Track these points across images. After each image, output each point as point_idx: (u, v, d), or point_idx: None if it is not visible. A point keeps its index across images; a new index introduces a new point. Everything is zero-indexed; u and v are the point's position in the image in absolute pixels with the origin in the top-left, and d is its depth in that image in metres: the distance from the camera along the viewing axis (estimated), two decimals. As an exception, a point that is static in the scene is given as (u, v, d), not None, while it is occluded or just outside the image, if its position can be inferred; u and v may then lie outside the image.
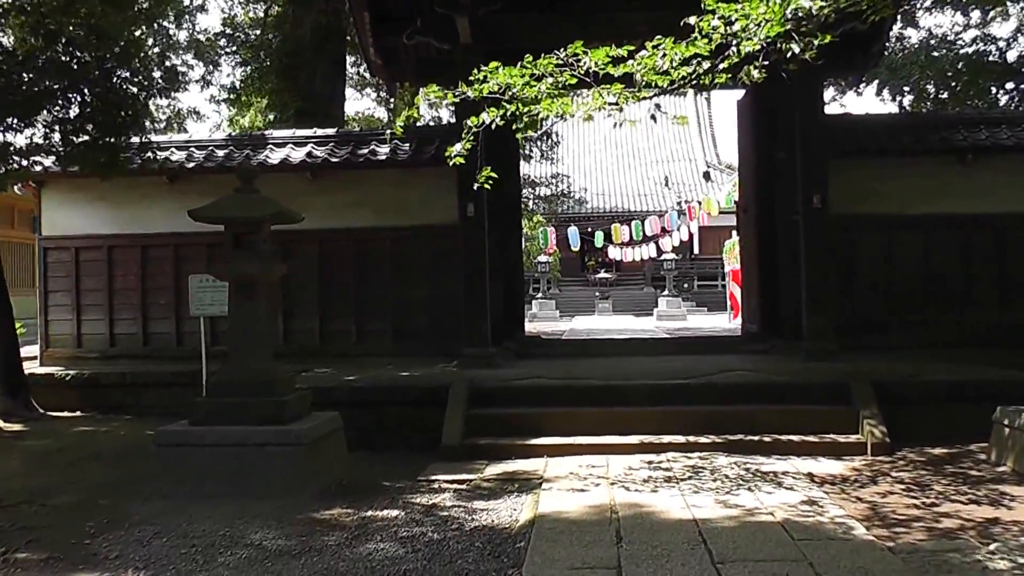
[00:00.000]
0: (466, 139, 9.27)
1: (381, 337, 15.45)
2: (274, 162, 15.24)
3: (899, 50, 22.98)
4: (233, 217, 9.55)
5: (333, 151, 15.44)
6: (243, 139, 16.33)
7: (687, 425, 10.74)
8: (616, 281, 54.75)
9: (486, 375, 12.37)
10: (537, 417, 11.05)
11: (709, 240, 51.43)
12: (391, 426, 11.48)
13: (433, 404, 11.29)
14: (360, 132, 16.32)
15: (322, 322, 15.63)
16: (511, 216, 16.12)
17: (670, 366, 13.23)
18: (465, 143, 9.32)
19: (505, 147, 14.95)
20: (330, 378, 12.68)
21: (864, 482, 8.94)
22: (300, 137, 16.10)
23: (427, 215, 15.28)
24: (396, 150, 15.30)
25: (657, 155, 61.98)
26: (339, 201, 15.61)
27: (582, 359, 14.87)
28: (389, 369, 13.60)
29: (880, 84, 23.24)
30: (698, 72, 8.37)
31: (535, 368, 13.20)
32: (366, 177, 15.66)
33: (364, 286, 15.56)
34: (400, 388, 11.77)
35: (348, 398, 11.58)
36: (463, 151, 9.30)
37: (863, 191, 14.93)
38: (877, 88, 23.46)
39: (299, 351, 15.25)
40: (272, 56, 22.89)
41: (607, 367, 13.24)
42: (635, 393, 11.45)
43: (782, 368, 12.53)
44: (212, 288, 13.37)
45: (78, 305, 16.21)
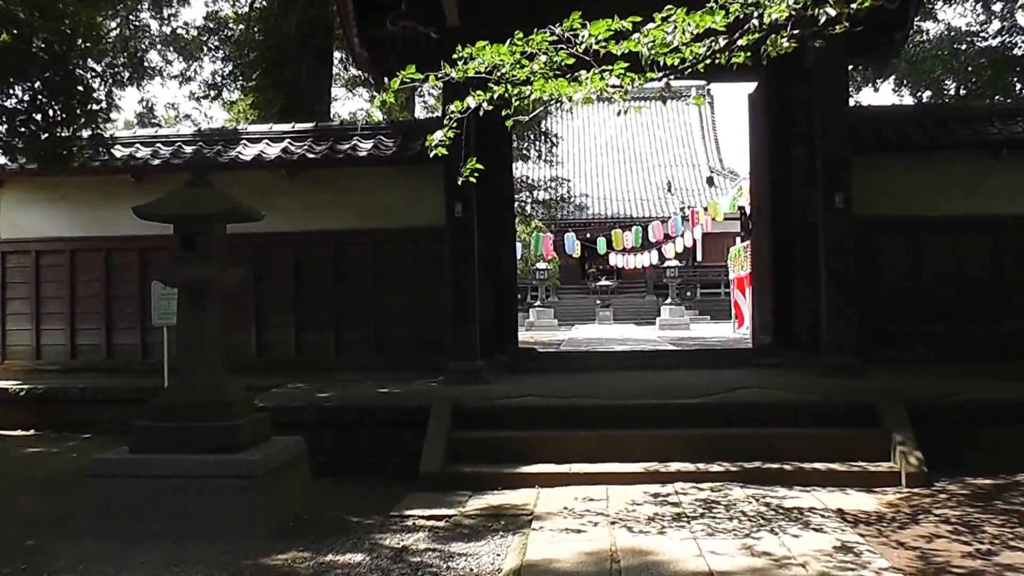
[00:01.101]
0: (448, 126, 8.15)
1: (362, 349, 14.31)
2: (246, 159, 14.09)
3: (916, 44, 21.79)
4: (181, 214, 8.37)
5: (311, 147, 14.29)
6: (214, 134, 15.13)
7: (697, 451, 9.53)
8: (617, 289, 54.07)
9: (473, 392, 11.18)
10: (528, 441, 9.83)
11: (712, 247, 50.97)
12: (365, 450, 10.30)
13: (412, 425, 10.09)
14: (341, 126, 15.11)
15: (298, 333, 14.49)
16: (503, 217, 14.89)
17: (676, 382, 12.03)
18: (447, 130, 8.20)
19: (497, 141, 13.88)
20: (301, 395, 11.50)
21: (904, 521, 7.73)
22: (276, 132, 14.94)
23: (412, 216, 14.14)
24: (379, 146, 14.16)
25: (660, 160, 61.62)
26: (317, 201, 14.49)
27: (580, 374, 13.66)
28: (367, 385, 12.44)
29: (897, 80, 22.08)
30: (713, 49, 7.26)
31: (528, 384, 12.03)
32: (346, 175, 14.54)
33: (343, 293, 14.43)
34: (376, 408, 10.55)
35: (318, 419, 10.40)
36: (445, 140, 8.18)
37: (885, 190, 13.77)
38: (895, 84, 22.30)
39: (273, 364, 14.20)
40: (255, 51, 21.75)
41: (607, 383, 12.03)
42: (638, 414, 10.20)
43: (800, 385, 11.32)
44: (176, 296, 12.25)
45: (37, 314, 15.09)
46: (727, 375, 12.74)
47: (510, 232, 15.31)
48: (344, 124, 15.12)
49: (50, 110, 11.97)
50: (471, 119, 7.60)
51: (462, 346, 12.52)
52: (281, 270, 14.42)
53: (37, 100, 12.05)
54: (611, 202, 57.15)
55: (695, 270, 52.75)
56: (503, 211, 14.86)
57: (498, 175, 14.48)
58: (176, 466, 7.79)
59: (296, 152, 14.16)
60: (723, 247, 45.36)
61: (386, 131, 14.60)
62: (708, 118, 65.50)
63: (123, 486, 7.84)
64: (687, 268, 49.48)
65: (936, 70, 20.95)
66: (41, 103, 12.03)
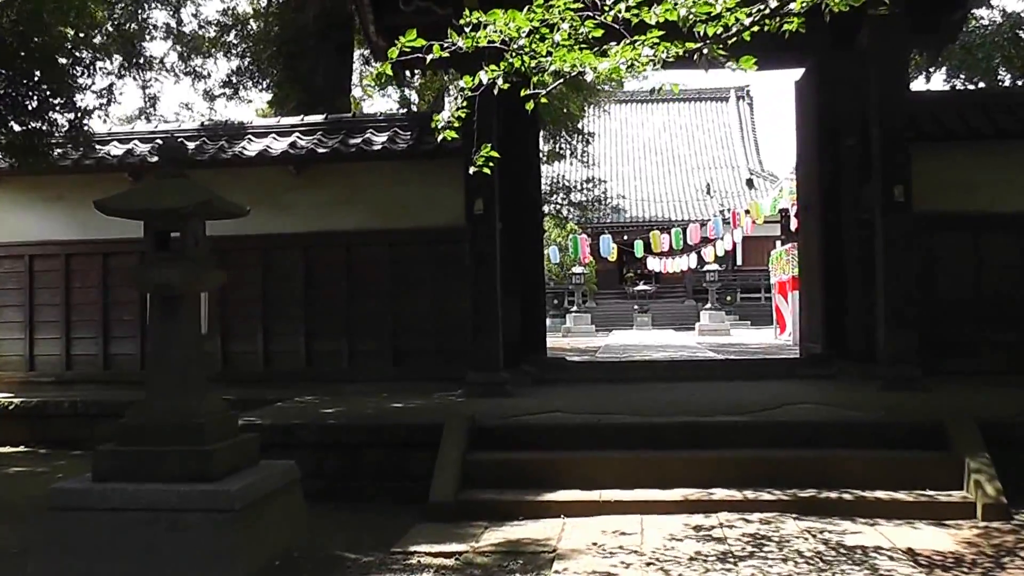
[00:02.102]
0: (456, 105, 7.14)
1: (377, 359, 13.28)
2: (251, 154, 13.11)
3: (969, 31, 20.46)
4: (150, 209, 7.31)
5: (321, 141, 13.26)
6: (217, 128, 14.13)
7: (743, 476, 8.38)
8: (656, 294, 53.29)
9: (493, 408, 10.12)
10: (553, 464, 8.71)
11: (752, 250, 50.05)
12: (371, 473, 9.23)
13: (423, 446, 8.99)
14: (353, 119, 14.07)
15: (308, 342, 13.48)
16: (530, 216, 13.79)
17: (719, 396, 10.91)
18: (456, 109, 7.20)
19: (523, 134, 12.93)
20: (303, 411, 10.49)
21: (988, 566, 6.54)
22: (284, 126, 13.95)
23: (432, 215, 13.11)
24: (395, 139, 13.12)
25: (698, 162, 60.90)
26: (328, 199, 13.49)
27: (612, 386, 12.55)
28: (380, 399, 11.41)
29: (950, 71, 20.77)
30: (762, 13, 6.20)
31: (555, 398, 10.95)
32: (360, 171, 13.52)
33: (357, 299, 13.42)
34: (383, 426, 9.46)
35: (318, 438, 9.35)
36: (453, 120, 7.18)
37: (944, 183, 12.56)
38: (947, 74, 20.99)
39: (281, 376, 13.29)
40: (271, 45, 20.76)
41: (643, 397, 10.94)
42: (677, 433, 9.05)
43: (857, 400, 10.17)
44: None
45: (31, 322, 14.15)
46: (774, 388, 11.63)
47: (538, 232, 14.19)
48: (357, 116, 14.10)
49: (26, 101, 10.90)
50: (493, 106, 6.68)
51: (483, 356, 11.46)
52: (290, 274, 13.44)
53: (10, 90, 10.99)
54: (649, 205, 56.33)
55: (735, 274, 51.89)
56: (530, 209, 13.78)
57: (525, 170, 13.46)
58: (141, 498, 6.73)
59: (304, 146, 13.15)
60: (763, 251, 44.71)
61: (402, 123, 13.53)
62: (747, 119, 64.97)
63: (84, 520, 6.80)
64: (727, 272, 48.82)
65: (995, 57, 19.67)
66: (13, 93, 10.97)
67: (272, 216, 13.38)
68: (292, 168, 13.35)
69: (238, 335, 13.58)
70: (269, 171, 13.41)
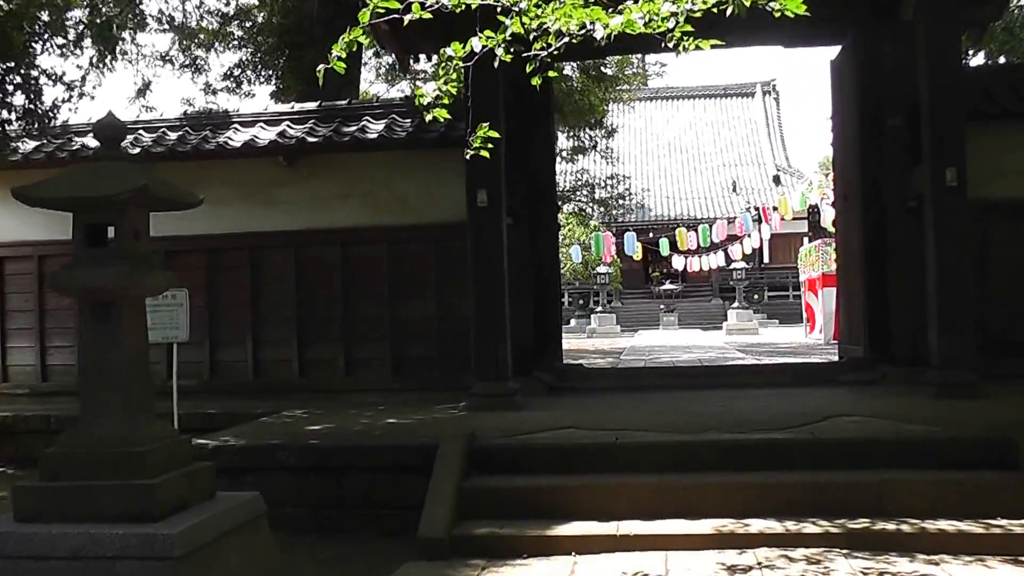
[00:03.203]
0: (445, 75, 6.11)
1: (376, 368, 12.23)
2: (236, 144, 12.01)
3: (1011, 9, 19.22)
4: (73, 197, 6.21)
5: (312, 129, 12.14)
6: (201, 117, 13.02)
7: (783, 503, 7.20)
8: (682, 293, 52.49)
9: (498, 423, 8.99)
10: (564, 491, 7.53)
11: (780, 248, 49.49)
12: (357, 501, 8.11)
13: (416, 470, 7.85)
14: (349, 105, 12.89)
15: (301, 349, 12.40)
16: (545, 211, 12.61)
17: (754, 407, 9.74)
18: (444, 82, 6.15)
19: (534, 119, 11.80)
20: (287, 427, 9.41)
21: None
22: (273, 113, 12.88)
23: (435, 210, 12.00)
24: (393, 126, 11.99)
25: (724, 159, 60.03)
26: (321, 193, 12.40)
27: (635, 395, 11.35)
28: (376, 412, 10.32)
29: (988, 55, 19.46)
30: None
31: (570, 410, 9.83)
32: (357, 163, 12.42)
33: (353, 302, 12.34)
34: (370, 447, 8.30)
35: (299, 461, 8.23)
36: (443, 95, 6.14)
37: (999, 168, 11.40)
38: (986, 57, 19.67)
39: (272, 386, 12.29)
40: (274, 35, 19.66)
41: (668, 409, 9.80)
42: (707, 453, 7.85)
43: (909, 410, 8.99)
44: (153, 307, 10.46)
45: (3, 329, 13.08)
46: (815, 397, 10.45)
47: (553, 228, 12.95)
48: (352, 104, 12.97)
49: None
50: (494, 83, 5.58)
51: (488, 365, 10.33)
52: (281, 275, 12.38)
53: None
54: (674, 202, 55.44)
55: (762, 272, 51.27)
56: (544, 201, 12.58)
57: (537, 158, 12.31)
58: (68, 542, 5.61)
59: (294, 136, 12.04)
60: (791, 248, 44.11)
61: (401, 110, 12.36)
62: (774, 114, 64.14)
63: (4, 569, 5.70)
64: (754, 270, 48.23)
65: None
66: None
67: (262, 212, 12.36)
68: (283, 160, 12.27)
69: (226, 342, 12.54)
70: (258, 164, 12.36)
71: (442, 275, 11.93)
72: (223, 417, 10.93)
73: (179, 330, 10.48)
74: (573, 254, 42.38)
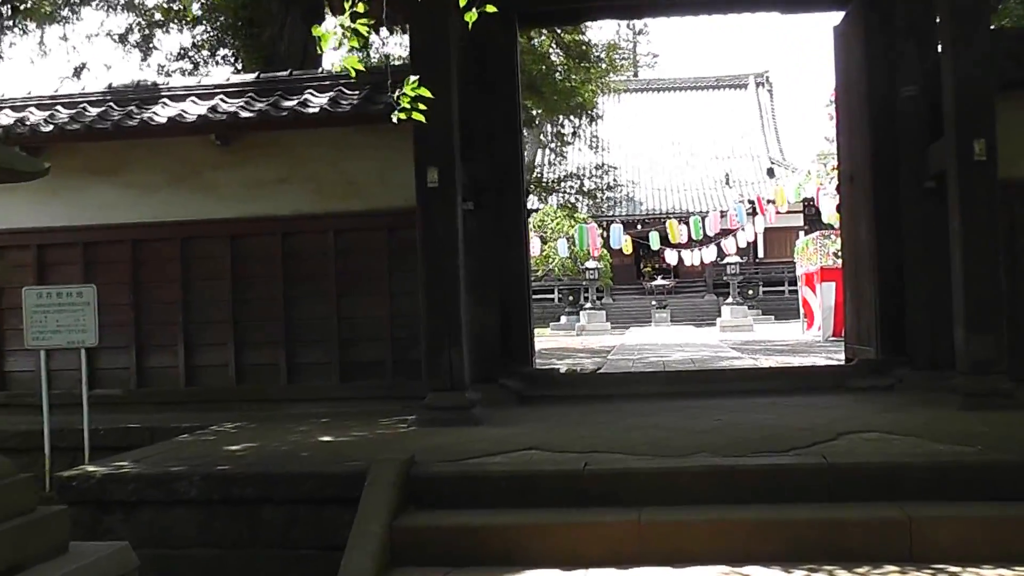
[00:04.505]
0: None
1: (321, 374, 10.76)
2: (161, 120, 10.48)
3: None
4: None
5: (248, 104, 10.68)
6: (127, 91, 11.46)
7: (791, 546, 5.79)
8: (674, 288, 51.35)
9: (449, 442, 7.59)
10: (520, 531, 6.08)
11: (775, 242, 48.59)
12: (272, 539, 6.66)
13: (342, 503, 6.42)
14: (290, 77, 11.30)
15: (238, 354, 10.94)
16: (511, 195, 11.12)
17: (752, 421, 8.32)
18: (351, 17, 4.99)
19: (496, 90, 10.39)
20: (203, 450, 7.94)
21: None
22: (207, 86, 11.33)
23: (386, 195, 10.52)
24: (339, 100, 10.50)
25: (716, 152, 58.93)
26: (260, 177, 10.94)
27: (616, 405, 9.87)
28: (312, 427, 8.93)
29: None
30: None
31: (537, 425, 8.44)
32: (300, 142, 10.95)
33: (297, 300, 10.88)
34: (288, 475, 6.79)
35: (203, 492, 6.75)
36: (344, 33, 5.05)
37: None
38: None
39: (207, 396, 10.88)
40: (230, 11, 18.17)
41: (652, 423, 8.37)
42: (697, 481, 6.39)
43: (933, 425, 7.60)
44: (58, 307, 9.14)
45: None
46: (823, 408, 9.02)
47: (520, 215, 11.43)
48: (295, 74, 11.47)
49: None
50: (447, 40, 4.21)
51: (441, 372, 8.88)
52: (214, 270, 10.90)
53: None
54: (666, 195, 54.28)
55: (757, 267, 50.23)
56: (510, 186, 11.12)
57: (502, 137, 10.88)
58: None
59: (226, 111, 10.56)
60: (786, 242, 43.24)
61: (349, 80, 10.83)
62: (767, 106, 63.11)
63: None
64: (748, 265, 47.27)
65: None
66: None
67: (194, 198, 10.93)
68: (216, 139, 10.78)
69: (155, 346, 11.07)
70: (189, 144, 10.90)
71: (395, 269, 10.47)
72: (142, 433, 9.56)
73: (87, 333, 9.06)
74: (560, 248, 41.04)
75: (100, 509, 6.81)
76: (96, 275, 10.73)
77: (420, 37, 8.92)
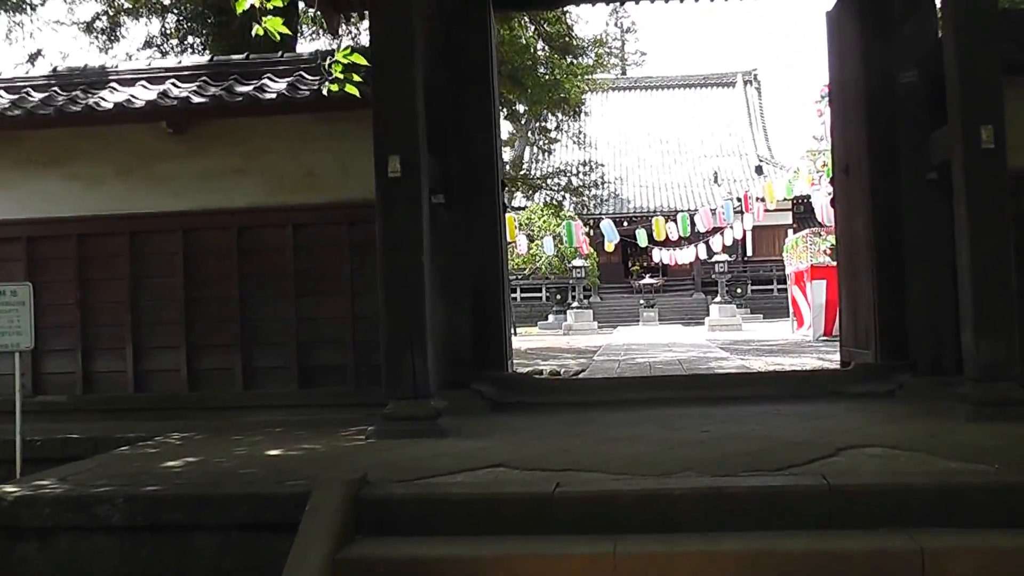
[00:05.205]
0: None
1: (279, 379, 10.04)
2: (108, 106, 9.74)
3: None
4: None
5: (201, 89, 9.94)
6: (73, 74, 10.70)
7: (788, 582, 5.10)
8: (662, 287, 51.17)
9: (409, 458, 6.87)
10: (481, 565, 5.30)
11: (763, 240, 48.46)
12: (201, 570, 5.90)
13: (283, 529, 5.68)
14: (247, 60, 10.51)
15: (191, 357, 10.19)
16: (487, 188, 10.40)
17: (743, 432, 7.58)
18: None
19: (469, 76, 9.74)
20: (136, 466, 7.20)
21: None
22: (158, 70, 10.59)
23: (348, 187, 9.76)
24: (297, 85, 9.77)
25: (705, 150, 59.06)
26: (215, 168, 10.21)
27: (596, 413, 9.10)
28: (269, 437, 8.22)
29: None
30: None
31: (508, 438, 7.73)
32: (259, 132, 10.24)
33: (253, 300, 10.16)
34: (220, 497, 6.01)
35: (127, 517, 5.98)
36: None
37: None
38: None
39: (158, 402, 10.20)
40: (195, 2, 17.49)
41: (632, 435, 7.63)
42: (681, 506, 5.61)
43: (941, 438, 6.90)
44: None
45: None
46: (820, 417, 8.31)
47: (495, 210, 10.65)
48: (252, 57, 10.72)
49: None
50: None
51: (402, 379, 8.07)
52: (165, 267, 10.18)
53: None
54: (654, 193, 54.18)
55: (745, 265, 50.10)
56: (486, 179, 10.36)
57: (477, 126, 10.19)
58: None
59: (177, 96, 9.82)
60: (774, 240, 43.04)
61: (310, 65, 10.10)
62: (755, 104, 63.35)
63: None
64: (737, 263, 47.08)
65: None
66: None
67: (144, 190, 10.20)
68: (168, 127, 10.04)
69: (103, 349, 10.32)
70: (139, 132, 10.17)
71: (358, 266, 9.73)
72: (84, 444, 8.80)
73: (22, 336, 8.33)
74: (547, 246, 40.45)
75: (12, 536, 6.05)
76: (40, 272, 10.05)
77: (380, 9, 8.20)
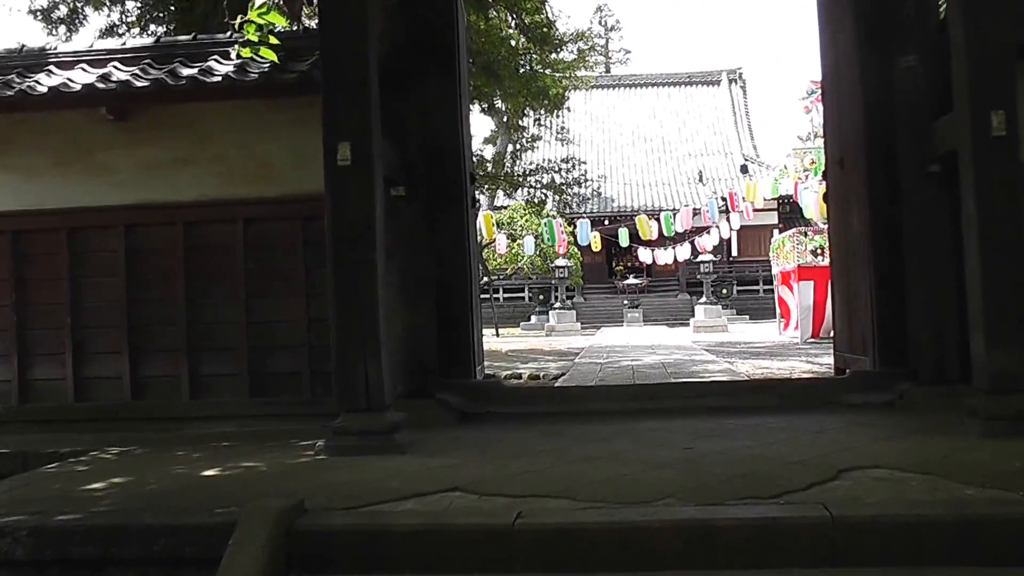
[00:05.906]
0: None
1: (230, 387, 9.25)
2: (42, 91, 8.96)
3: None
4: None
5: (144, 71, 9.17)
6: (8, 57, 9.89)
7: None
8: (647, 287, 50.73)
9: (356, 479, 6.13)
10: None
11: (749, 240, 48.11)
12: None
13: (204, 565, 4.94)
14: (193, 41, 9.74)
15: (134, 364, 9.40)
16: (454, 181, 9.62)
17: (732, 450, 6.82)
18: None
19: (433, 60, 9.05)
20: (57, 488, 6.46)
21: None
22: (100, 51, 9.86)
23: (303, 179, 8.92)
24: (246, 67, 9.00)
25: (689, 149, 58.70)
26: (159, 158, 9.43)
27: (570, 426, 8.33)
28: (212, 452, 7.47)
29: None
30: None
31: (471, 455, 6.97)
32: (206, 118, 9.46)
33: (200, 302, 9.38)
34: (139, 529, 5.27)
35: (33, 551, 5.22)
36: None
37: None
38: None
39: (99, 412, 9.34)
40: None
41: (609, 452, 6.88)
42: (659, 540, 4.87)
43: (953, 458, 6.18)
44: None
45: None
46: (816, 431, 7.54)
47: (463, 205, 9.87)
48: (200, 38, 9.96)
49: None
50: None
51: (354, 389, 7.32)
52: (107, 266, 9.39)
53: None
54: (638, 192, 53.68)
55: (731, 265, 49.70)
56: (452, 172, 9.60)
57: (442, 114, 9.43)
58: None
59: (118, 80, 9.04)
60: (761, 240, 42.71)
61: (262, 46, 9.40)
62: (740, 103, 63.12)
63: None
64: (722, 263, 46.70)
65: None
66: None
67: (84, 183, 9.43)
68: (109, 114, 9.28)
69: (41, 355, 9.55)
70: (80, 119, 9.40)
71: (313, 265, 8.94)
72: (13, 460, 8.07)
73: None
74: (527, 245, 39.77)
75: (-98, 573, 5.31)
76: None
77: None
